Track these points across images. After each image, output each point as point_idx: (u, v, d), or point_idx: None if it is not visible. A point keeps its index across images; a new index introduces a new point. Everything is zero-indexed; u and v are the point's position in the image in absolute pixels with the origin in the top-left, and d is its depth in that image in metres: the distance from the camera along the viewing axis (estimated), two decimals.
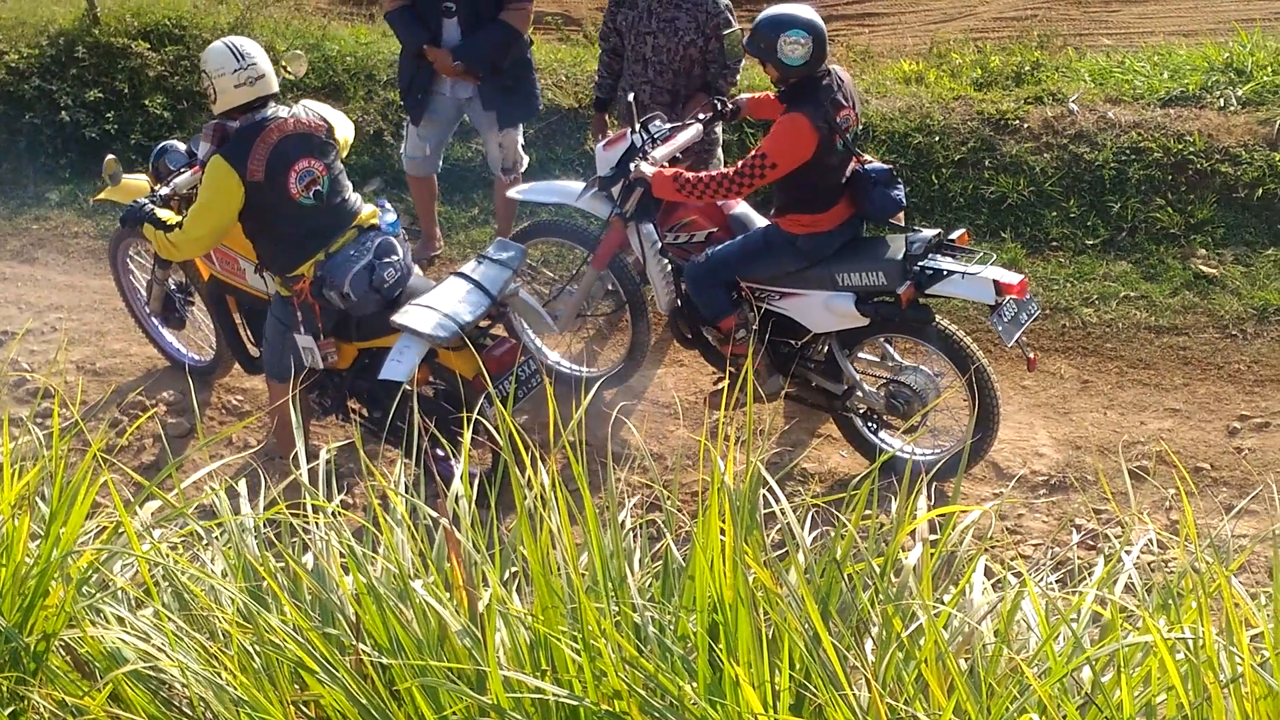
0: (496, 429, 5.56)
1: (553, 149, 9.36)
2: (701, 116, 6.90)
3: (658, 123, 6.83)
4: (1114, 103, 9.02)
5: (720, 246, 6.53)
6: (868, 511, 3.64)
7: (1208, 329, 7.58)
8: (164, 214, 6.28)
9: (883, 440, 6.60)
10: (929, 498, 3.67)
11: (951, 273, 6.05)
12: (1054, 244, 8.32)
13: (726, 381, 6.19)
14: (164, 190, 6.48)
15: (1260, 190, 8.22)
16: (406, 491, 3.91)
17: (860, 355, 6.62)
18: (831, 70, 6.16)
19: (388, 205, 6.49)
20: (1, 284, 8.67)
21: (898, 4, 12.47)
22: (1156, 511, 6.21)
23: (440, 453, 6.11)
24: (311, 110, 6.19)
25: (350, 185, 6.27)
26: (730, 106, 6.88)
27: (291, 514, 3.81)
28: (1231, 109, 8.77)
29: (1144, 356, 7.47)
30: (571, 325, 7.39)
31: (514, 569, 3.79)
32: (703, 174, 6.32)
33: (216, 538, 3.89)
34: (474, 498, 3.75)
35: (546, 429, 3.71)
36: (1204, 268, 7.96)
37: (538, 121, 8.93)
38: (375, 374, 6.14)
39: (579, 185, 7.04)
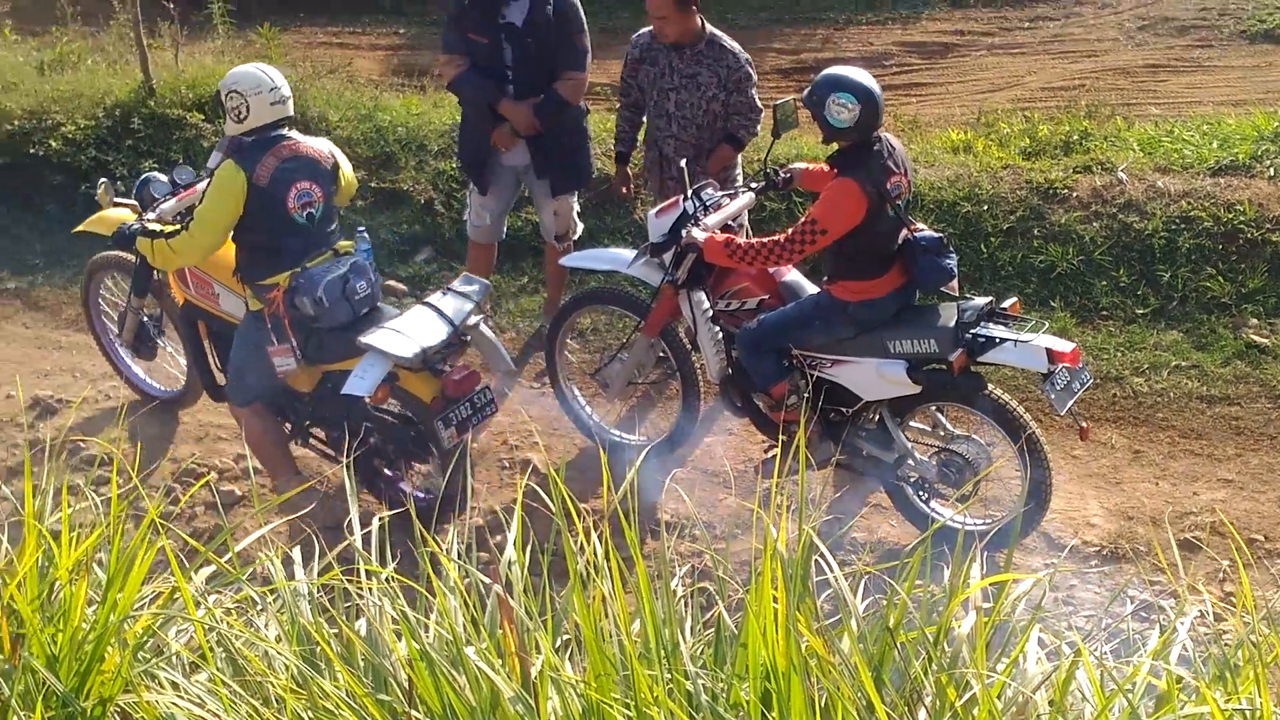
0: (451, 452, 6.35)
1: (603, 217, 9.41)
2: (754, 185, 6.95)
3: (710, 190, 6.87)
4: (1163, 172, 9.02)
5: (772, 313, 6.55)
6: (920, 581, 3.63)
7: (1260, 399, 7.53)
8: (157, 227, 6.70)
9: (934, 509, 6.58)
10: (982, 566, 3.65)
11: (1004, 340, 6.04)
12: (1104, 313, 8.30)
13: (778, 449, 6.22)
14: (151, 216, 6.98)
15: None
16: (459, 558, 3.92)
17: (912, 424, 6.61)
18: (883, 137, 6.19)
19: (365, 235, 6.91)
20: (58, 353, 8.76)
21: (945, 74, 12.53)
22: (1211, 583, 6.16)
23: (391, 473, 6.85)
24: (324, 142, 6.72)
25: (338, 219, 6.76)
26: (784, 176, 6.91)
27: (345, 580, 3.83)
28: None
29: (1196, 427, 7.42)
30: (622, 393, 7.42)
31: (566, 636, 3.79)
32: (754, 240, 6.36)
33: (270, 603, 3.91)
34: (526, 564, 3.76)
35: (599, 496, 3.72)
36: (1256, 337, 7.93)
37: (587, 190, 8.98)
38: (337, 397, 6.52)
39: (630, 253, 7.08)
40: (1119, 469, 7.15)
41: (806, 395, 6.46)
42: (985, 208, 8.89)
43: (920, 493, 6.59)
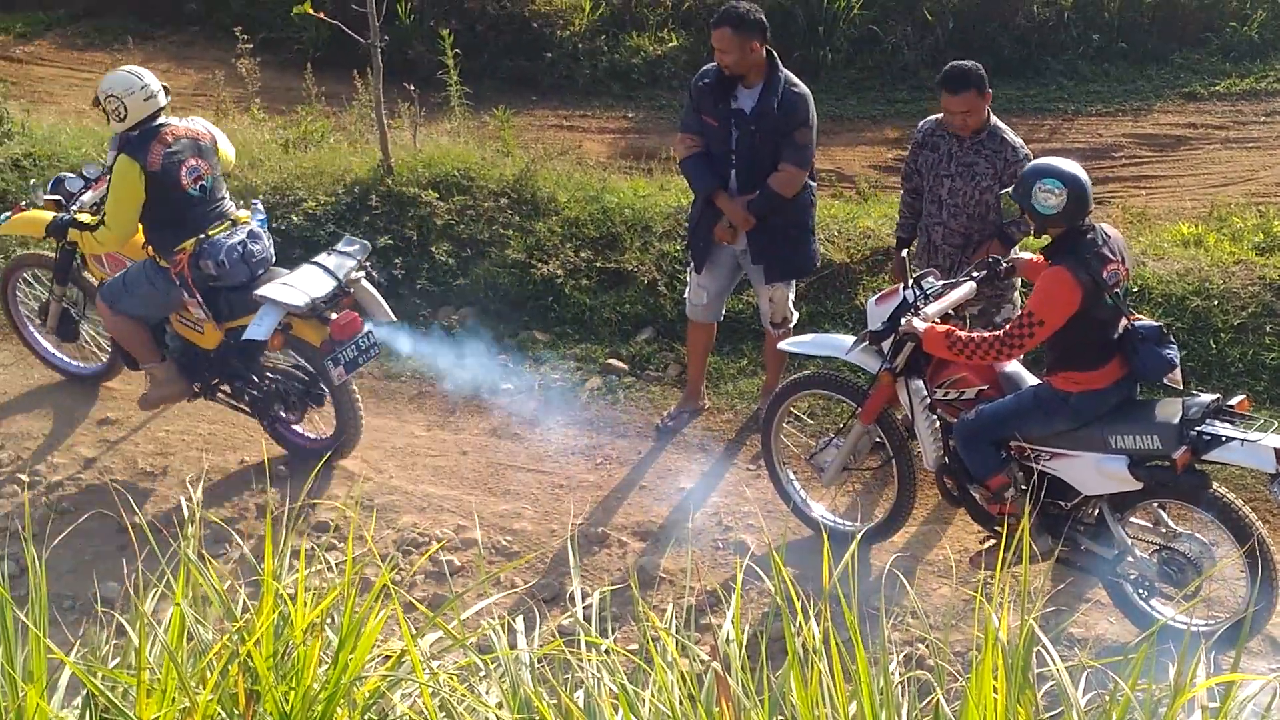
0: (340, 389, 7.83)
1: (823, 303, 9.44)
2: (975, 275, 6.91)
3: (931, 279, 6.85)
4: None
5: (991, 404, 6.50)
6: (1142, 681, 3.57)
7: None
8: (84, 217, 8.02)
9: (1154, 608, 6.45)
10: (1207, 667, 3.59)
11: (1230, 439, 5.91)
12: None
13: (1001, 541, 6.16)
14: (75, 208, 8.18)
15: None
16: (677, 633, 3.97)
17: (1133, 520, 6.50)
18: (1096, 226, 6.14)
19: (260, 207, 8.24)
20: None
21: (1176, 167, 12.32)
22: None
23: (287, 417, 8.17)
24: (199, 122, 7.94)
25: (227, 189, 8.05)
26: (1005, 265, 6.88)
27: (565, 650, 3.90)
28: None
29: None
30: (836, 478, 7.42)
31: (781, 716, 3.81)
32: (975, 334, 6.34)
33: (492, 670, 4.00)
34: (744, 643, 3.79)
35: (813, 580, 3.75)
36: None
37: (808, 275, 8.98)
38: (239, 350, 7.87)
39: (849, 339, 7.10)
40: None
41: (1025, 488, 6.40)
42: (1216, 303, 8.72)
43: (1140, 590, 6.47)
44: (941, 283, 6.88)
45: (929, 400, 6.81)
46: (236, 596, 4.26)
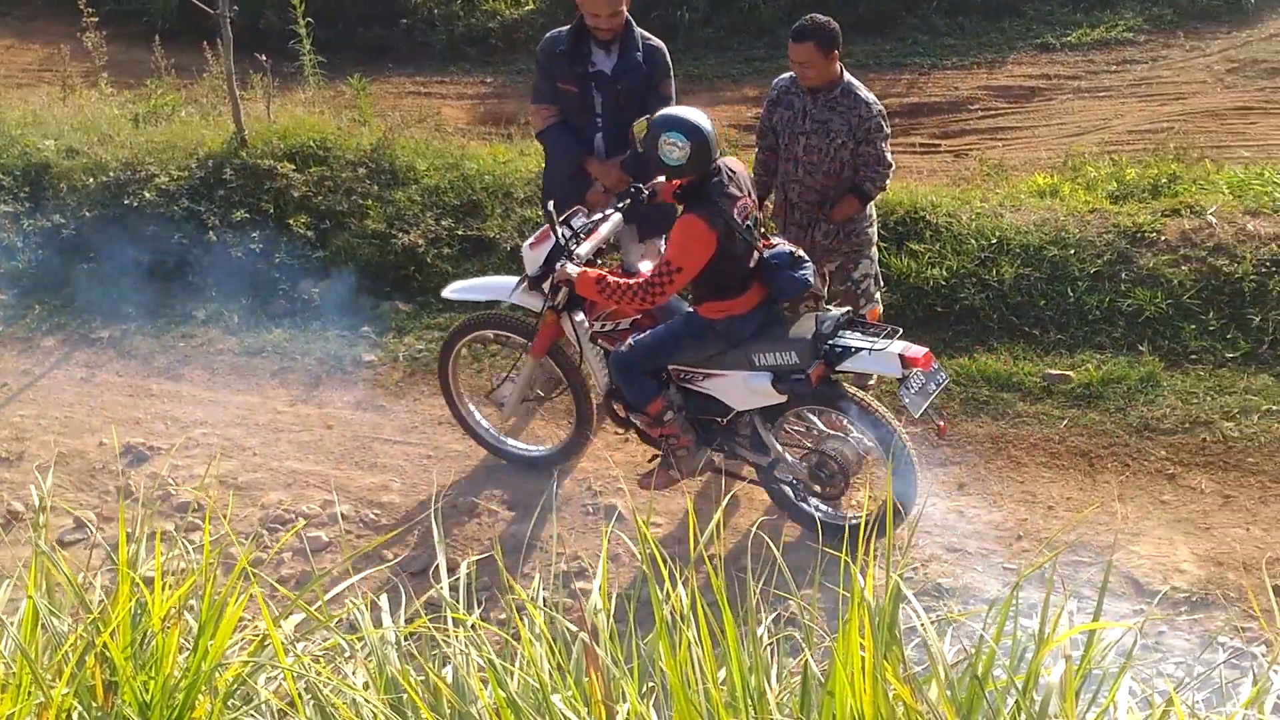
0: None
1: None
2: (619, 206, 7.17)
3: (580, 218, 7.14)
4: (1253, 215, 8.92)
5: (643, 334, 6.83)
6: (1007, 631, 3.60)
7: None
8: None
9: (815, 507, 6.86)
10: (1070, 614, 3.62)
11: (859, 349, 6.35)
12: (1193, 357, 8.21)
13: (664, 459, 6.42)
14: None
15: None
16: (545, 605, 3.93)
17: (786, 428, 6.91)
18: (721, 165, 6.39)
19: None
20: (148, 400, 8.88)
21: (1031, 118, 12.46)
22: None
23: None
24: None
25: None
26: (647, 191, 7.13)
27: (432, 627, 3.86)
28: None
29: None
30: (517, 410, 7.91)
31: (652, 684, 3.79)
32: (622, 280, 6.61)
33: (358, 650, 3.94)
34: (612, 610, 3.76)
35: (684, 542, 3.73)
36: None
37: None
38: None
39: (512, 281, 7.42)
40: (1208, 514, 7.05)
41: (682, 408, 6.85)
42: (1072, 252, 8.83)
43: (797, 492, 6.90)
44: (591, 219, 7.15)
45: (590, 331, 7.11)
46: (92, 585, 4.16)
